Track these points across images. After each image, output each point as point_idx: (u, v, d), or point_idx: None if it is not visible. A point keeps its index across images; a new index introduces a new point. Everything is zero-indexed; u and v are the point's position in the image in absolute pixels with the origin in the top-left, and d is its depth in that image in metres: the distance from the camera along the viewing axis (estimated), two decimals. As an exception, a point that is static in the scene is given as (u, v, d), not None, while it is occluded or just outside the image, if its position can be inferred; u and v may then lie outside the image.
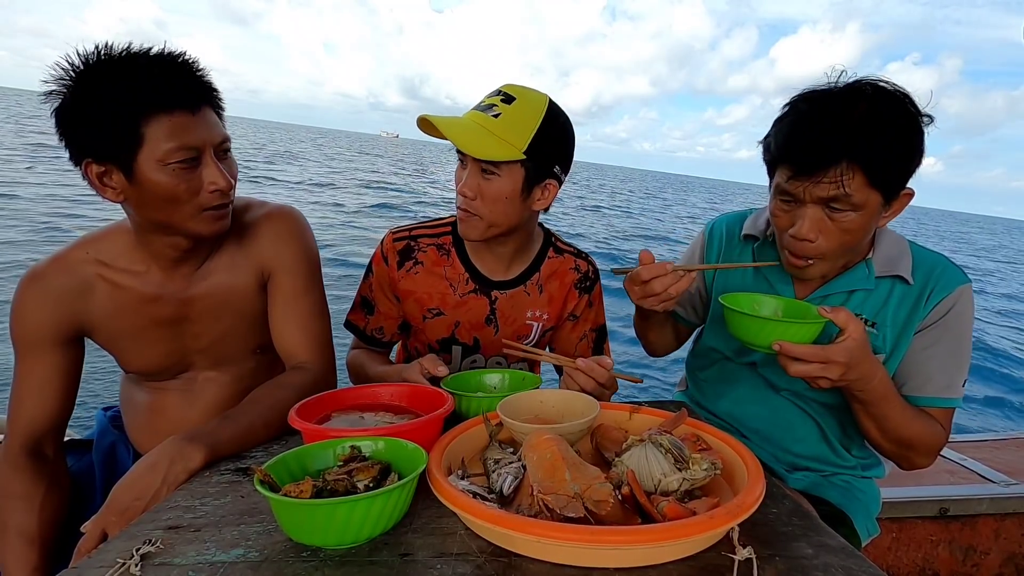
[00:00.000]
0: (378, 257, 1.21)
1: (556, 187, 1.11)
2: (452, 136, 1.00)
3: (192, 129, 0.84)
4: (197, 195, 0.87)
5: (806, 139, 0.90)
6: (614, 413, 0.87)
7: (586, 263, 1.27)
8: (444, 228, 1.22)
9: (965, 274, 1.02)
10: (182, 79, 0.85)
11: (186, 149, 0.83)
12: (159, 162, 0.82)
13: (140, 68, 0.81)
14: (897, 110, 0.90)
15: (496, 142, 1.00)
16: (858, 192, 0.89)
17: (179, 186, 0.84)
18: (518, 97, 1.04)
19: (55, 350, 0.93)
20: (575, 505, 0.58)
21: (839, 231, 0.93)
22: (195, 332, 1.01)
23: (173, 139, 0.82)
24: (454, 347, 1.24)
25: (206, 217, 0.89)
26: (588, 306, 1.27)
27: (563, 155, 1.09)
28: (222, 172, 0.88)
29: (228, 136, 0.91)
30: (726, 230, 1.23)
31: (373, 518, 0.58)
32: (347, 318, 1.26)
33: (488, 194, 1.04)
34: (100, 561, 0.57)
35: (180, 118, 0.83)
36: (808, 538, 0.64)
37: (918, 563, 1.80)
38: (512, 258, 1.20)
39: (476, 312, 1.21)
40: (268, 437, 0.88)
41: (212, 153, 0.87)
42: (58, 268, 0.92)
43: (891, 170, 0.89)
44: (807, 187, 0.91)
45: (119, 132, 0.81)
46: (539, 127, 1.03)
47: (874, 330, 1.04)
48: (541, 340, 1.27)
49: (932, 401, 1.02)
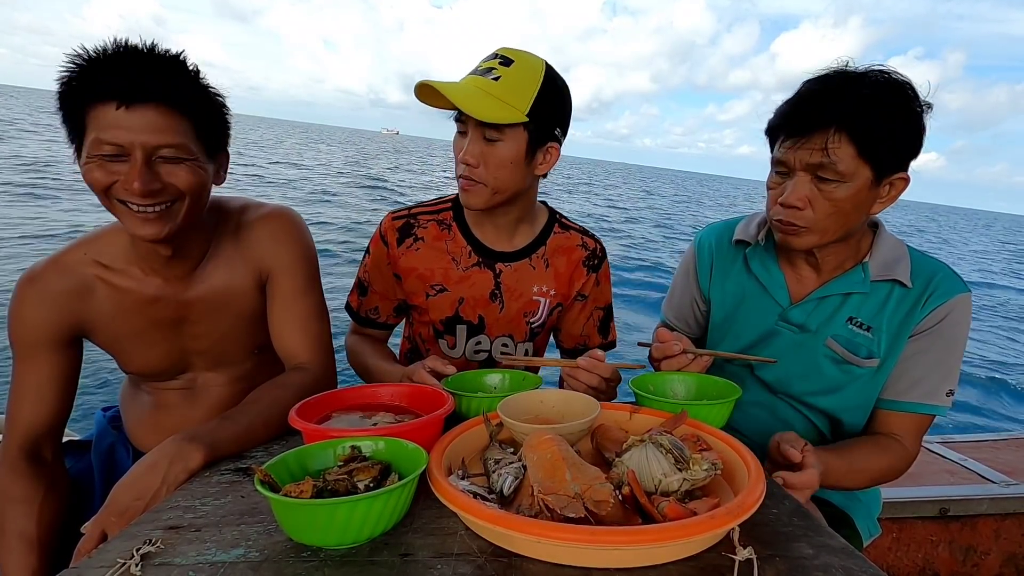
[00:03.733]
0: (376, 238, 1.21)
1: (557, 150, 1.10)
2: (456, 99, 0.98)
3: (119, 125, 0.79)
4: (111, 188, 0.83)
5: (802, 105, 0.94)
6: (614, 413, 0.87)
7: (593, 241, 1.27)
8: (444, 204, 1.22)
9: (965, 284, 1.02)
10: (136, 73, 0.79)
11: (107, 144, 0.79)
12: (87, 153, 0.81)
13: (100, 58, 0.80)
14: (894, 90, 0.91)
15: (499, 105, 0.99)
16: (845, 161, 0.90)
17: (91, 175, 0.81)
18: (516, 59, 1.03)
19: (53, 352, 0.93)
20: (575, 505, 0.58)
21: (827, 202, 0.94)
22: (194, 333, 1.01)
23: (96, 131, 0.79)
24: (458, 327, 1.23)
25: (125, 213, 0.84)
26: (596, 285, 1.27)
27: (563, 117, 1.09)
28: (139, 175, 0.80)
29: (177, 143, 0.83)
30: (715, 240, 1.23)
31: (373, 518, 0.58)
32: (347, 300, 1.28)
33: (492, 160, 1.03)
34: (100, 561, 0.57)
35: (111, 112, 0.79)
36: (808, 538, 0.64)
37: (918, 563, 1.80)
38: (515, 228, 1.19)
39: (480, 287, 1.20)
40: (268, 437, 0.88)
41: (141, 154, 0.80)
42: (56, 269, 0.92)
43: (881, 143, 0.90)
44: (798, 154, 0.93)
45: (71, 120, 0.81)
46: (540, 89, 1.02)
47: (869, 334, 1.04)
48: (549, 318, 1.26)
49: (913, 407, 1.03)
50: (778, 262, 1.13)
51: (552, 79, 1.05)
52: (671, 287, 1.34)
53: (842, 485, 1.00)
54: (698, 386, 0.96)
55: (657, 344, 0.99)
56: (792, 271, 1.11)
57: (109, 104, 0.79)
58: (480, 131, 1.02)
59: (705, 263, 1.23)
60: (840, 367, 1.07)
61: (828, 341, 1.06)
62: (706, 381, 0.96)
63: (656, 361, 1.00)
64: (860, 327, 1.04)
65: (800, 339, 1.09)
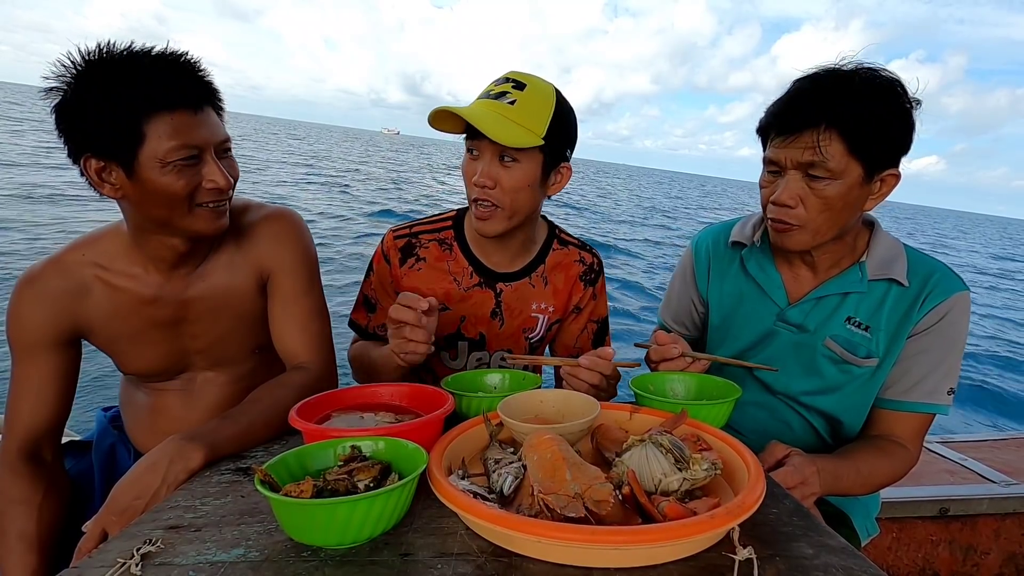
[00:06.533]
0: (379, 256, 1.21)
1: (569, 171, 1.12)
2: (481, 126, 0.97)
3: (194, 128, 0.84)
4: (195, 193, 0.87)
5: (791, 103, 0.95)
6: (614, 413, 0.87)
7: (591, 255, 1.27)
8: (445, 223, 1.22)
9: (964, 282, 1.02)
10: (185, 79, 0.85)
11: (187, 148, 0.84)
12: (160, 160, 0.82)
13: (143, 67, 0.82)
14: (883, 87, 0.92)
15: (518, 128, 1.00)
16: (836, 158, 0.90)
17: (178, 183, 0.84)
18: (528, 84, 1.04)
19: (52, 353, 0.93)
20: (575, 505, 0.58)
21: (818, 200, 0.94)
22: (193, 333, 1.01)
23: (175, 138, 0.82)
24: (460, 343, 1.23)
25: (203, 215, 0.89)
26: (592, 298, 1.27)
27: (573, 139, 1.10)
28: (222, 171, 0.88)
29: (229, 136, 0.91)
30: (712, 242, 1.23)
31: (373, 518, 0.58)
32: (350, 317, 1.27)
33: (507, 183, 1.03)
34: (100, 561, 0.57)
35: (182, 117, 0.83)
36: (808, 538, 0.64)
37: (918, 563, 1.80)
38: (518, 249, 1.20)
39: (481, 306, 1.20)
40: (268, 437, 0.88)
41: (213, 152, 0.88)
42: (54, 270, 0.92)
43: (870, 139, 0.90)
44: (788, 152, 0.93)
45: (121, 130, 0.81)
46: (553, 112, 1.03)
47: (867, 334, 1.04)
48: (547, 333, 1.26)
49: (915, 406, 1.03)
50: (775, 262, 1.13)
51: (561, 102, 1.06)
52: (668, 290, 1.34)
53: (854, 493, 1.01)
54: (698, 386, 0.96)
55: (655, 346, 0.99)
56: (789, 271, 1.11)
57: (183, 111, 0.83)
58: (496, 154, 1.02)
59: (703, 265, 1.23)
60: (839, 367, 1.07)
61: (827, 341, 1.06)
62: (706, 381, 0.96)
63: (654, 363, 1.00)
64: (858, 327, 1.04)
65: (799, 339, 1.09)
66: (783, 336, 1.11)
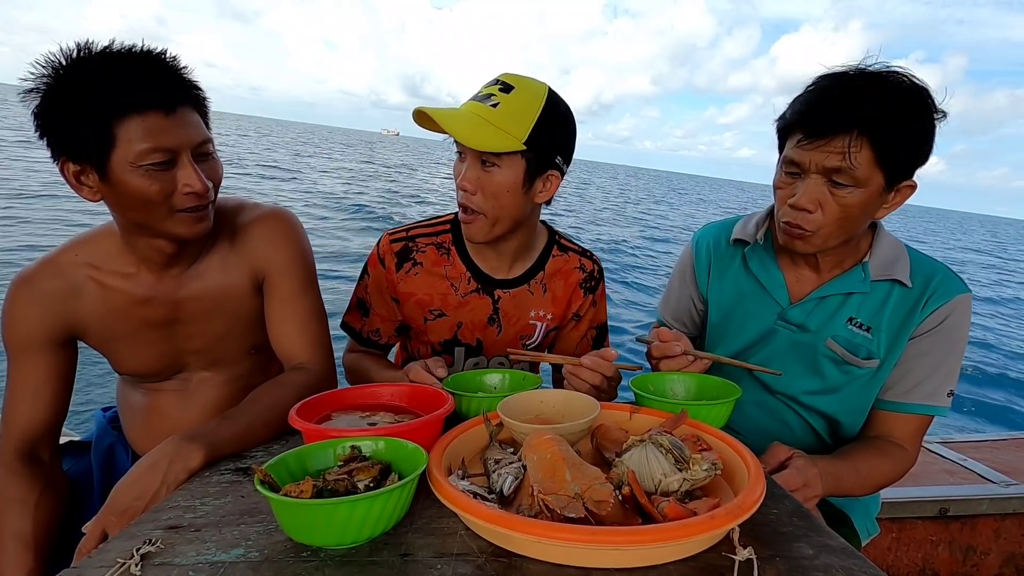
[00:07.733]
0: (374, 259, 1.19)
1: (558, 179, 1.08)
2: (449, 128, 0.98)
3: (166, 131, 0.81)
4: (171, 197, 0.84)
5: (823, 105, 0.91)
6: (614, 413, 0.87)
7: (591, 262, 1.26)
8: (443, 226, 1.21)
9: (966, 284, 1.02)
10: (158, 78, 0.81)
11: (160, 151, 0.81)
12: (131, 164, 0.80)
13: (115, 67, 0.79)
14: (915, 98, 0.90)
15: (495, 132, 0.98)
16: (863, 167, 0.89)
17: (151, 187, 0.82)
18: (517, 86, 1.02)
19: (47, 353, 0.93)
20: (575, 505, 0.58)
21: (838, 207, 0.93)
22: (188, 333, 1.01)
23: (146, 140, 0.80)
24: (456, 348, 1.23)
25: (182, 219, 0.87)
26: (592, 305, 1.26)
27: (564, 145, 1.07)
28: (198, 175, 0.85)
29: (209, 137, 0.88)
30: (713, 239, 1.23)
31: (373, 518, 0.58)
32: (343, 319, 1.25)
33: (488, 187, 1.02)
34: (100, 561, 0.57)
35: (153, 119, 0.80)
36: (808, 538, 0.64)
37: (918, 563, 1.80)
38: (515, 256, 1.18)
39: (478, 312, 1.19)
40: (268, 437, 0.88)
41: (189, 155, 0.84)
42: (48, 271, 0.92)
43: (899, 152, 0.89)
44: (814, 155, 0.91)
45: (91, 132, 0.79)
46: (539, 117, 1.00)
47: (869, 335, 1.04)
48: (545, 340, 1.26)
49: (915, 408, 1.03)
50: (777, 261, 1.12)
51: (554, 106, 1.03)
52: (667, 288, 1.33)
53: (853, 494, 1.01)
54: (698, 386, 0.96)
55: (657, 343, 0.99)
56: (792, 270, 1.11)
57: (153, 113, 0.80)
58: (477, 157, 1.02)
59: (703, 263, 1.23)
60: (840, 368, 1.06)
61: (828, 342, 1.06)
62: (706, 381, 0.96)
63: (655, 359, 1.00)
64: (860, 327, 1.04)
65: (799, 339, 1.09)
66: (783, 335, 1.10)
